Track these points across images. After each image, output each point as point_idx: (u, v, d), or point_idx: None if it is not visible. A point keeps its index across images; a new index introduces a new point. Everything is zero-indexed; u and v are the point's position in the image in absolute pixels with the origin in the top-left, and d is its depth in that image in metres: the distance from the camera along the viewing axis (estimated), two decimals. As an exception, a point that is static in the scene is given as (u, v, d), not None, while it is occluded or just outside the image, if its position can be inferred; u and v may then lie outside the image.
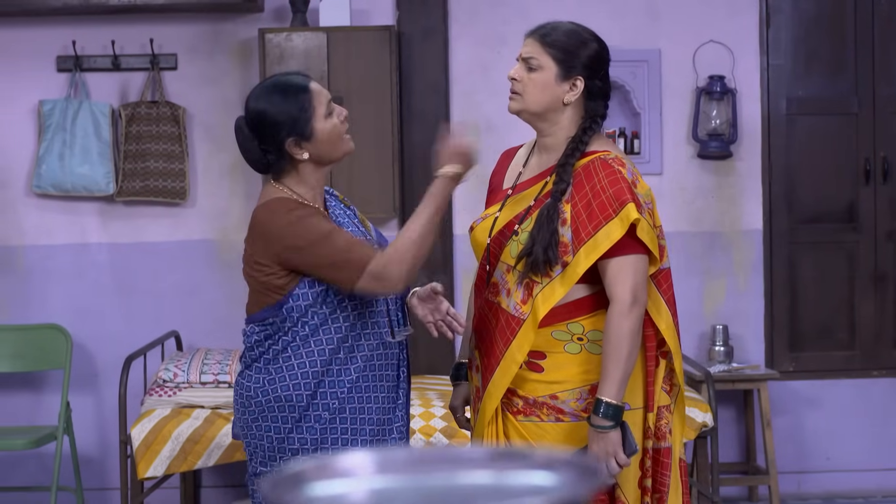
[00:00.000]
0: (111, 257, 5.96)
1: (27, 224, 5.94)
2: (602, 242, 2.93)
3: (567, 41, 3.09)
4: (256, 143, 3.01)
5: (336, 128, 3.03)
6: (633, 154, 5.95)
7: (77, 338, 5.86)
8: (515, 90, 3.10)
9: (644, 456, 3.07)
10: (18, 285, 5.95)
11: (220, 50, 5.93)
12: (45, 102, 5.84)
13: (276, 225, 2.95)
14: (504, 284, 3.05)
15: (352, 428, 2.99)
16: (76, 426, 5.71)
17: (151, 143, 5.86)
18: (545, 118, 3.09)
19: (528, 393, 3.03)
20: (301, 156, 3.00)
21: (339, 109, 3.06)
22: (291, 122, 2.97)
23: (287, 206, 2.97)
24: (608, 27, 5.90)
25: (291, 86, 3.01)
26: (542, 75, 3.06)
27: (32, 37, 5.90)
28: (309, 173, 3.04)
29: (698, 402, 5.00)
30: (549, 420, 3.02)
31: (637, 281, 2.96)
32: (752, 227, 6.00)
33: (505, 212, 3.11)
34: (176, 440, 4.77)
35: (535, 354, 3.02)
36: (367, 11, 5.92)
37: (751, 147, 5.99)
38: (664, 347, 3.10)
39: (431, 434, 4.81)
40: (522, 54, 3.10)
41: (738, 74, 5.95)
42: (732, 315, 5.98)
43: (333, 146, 3.03)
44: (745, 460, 6.00)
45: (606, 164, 3.02)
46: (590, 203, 2.96)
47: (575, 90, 3.07)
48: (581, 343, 3.02)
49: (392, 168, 5.70)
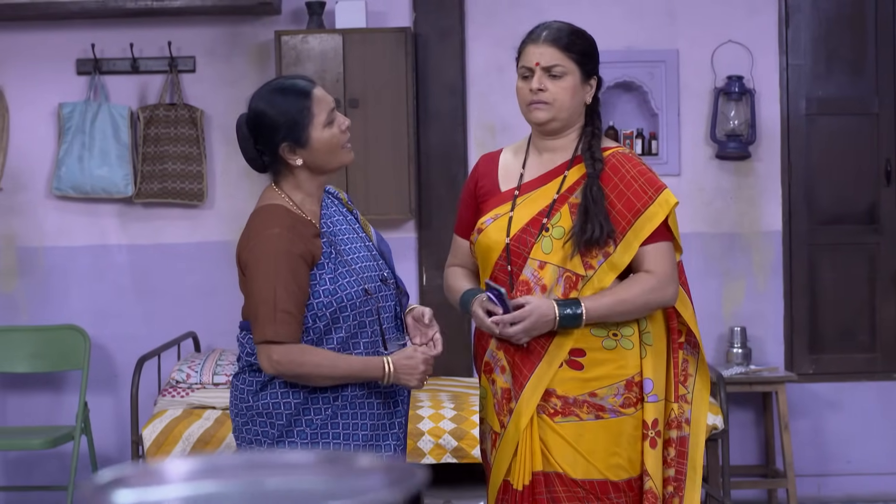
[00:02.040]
0: (130, 259, 5.99)
1: (47, 226, 5.99)
2: (643, 229, 3.01)
3: (582, 43, 3.13)
4: (252, 142, 2.99)
5: (334, 137, 2.98)
6: (650, 155, 5.93)
7: (96, 338, 5.91)
8: (543, 100, 3.08)
9: (667, 446, 3.10)
10: (38, 286, 6.00)
11: (237, 52, 5.96)
12: (65, 105, 5.89)
13: (251, 237, 2.95)
14: (538, 281, 3.05)
15: (343, 434, 2.98)
16: (94, 426, 5.75)
17: (169, 146, 5.89)
18: (570, 122, 3.13)
19: (567, 392, 3.04)
20: (295, 161, 2.97)
21: (342, 119, 3.02)
22: (288, 127, 2.94)
23: (274, 225, 2.93)
24: (625, 27, 5.91)
25: (294, 89, 2.98)
26: (569, 81, 3.08)
27: (52, 40, 5.95)
28: (305, 179, 3.00)
29: (710, 404, 4.96)
30: (588, 418, 3.04)
31: (673, 266, 3.07)
32: (771, 229, 5.95)
33: (520, 210, 3.10)
34: (186, 440, 4.79)
35: (575, 352, 3.05)
36: (383, 13, 5.93)
37: (770, 148, 5.95)
38: (680, 338, 3.16)
39: (440, 436, 4.80)
40: (542, 63, 3.08)
41: (757, 74, 5.91)
42: (751, 317, 5.94)
43: (329, 156, 2.99)
44: (764, 463, 5.96)
45: (628, 157, 3.11)
46: (623, 193, 3.03)
47: (591, 90, 3.13)
48: (616, 338, 3.06)
49: (408, 169, 5.70)
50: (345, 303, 2.94)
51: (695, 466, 3.15)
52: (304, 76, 3.10)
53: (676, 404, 3.13)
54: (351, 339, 2.97)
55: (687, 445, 3.14)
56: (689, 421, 3.15)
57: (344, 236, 3.06)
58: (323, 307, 2.92)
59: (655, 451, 3.07)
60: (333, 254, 2.98)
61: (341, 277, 2.95)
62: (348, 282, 2.95)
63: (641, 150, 5.93)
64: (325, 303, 2.92)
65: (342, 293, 2.93)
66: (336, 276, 2.95)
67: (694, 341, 3.17)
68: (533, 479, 3.03)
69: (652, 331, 3.09)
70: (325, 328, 2.94)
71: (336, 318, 2.94)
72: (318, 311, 2.92)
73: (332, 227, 3.05)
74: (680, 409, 3.14)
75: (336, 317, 2.94)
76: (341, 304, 2.93)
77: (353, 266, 2.99)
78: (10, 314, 5.99)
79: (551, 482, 3.03)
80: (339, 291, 2.93)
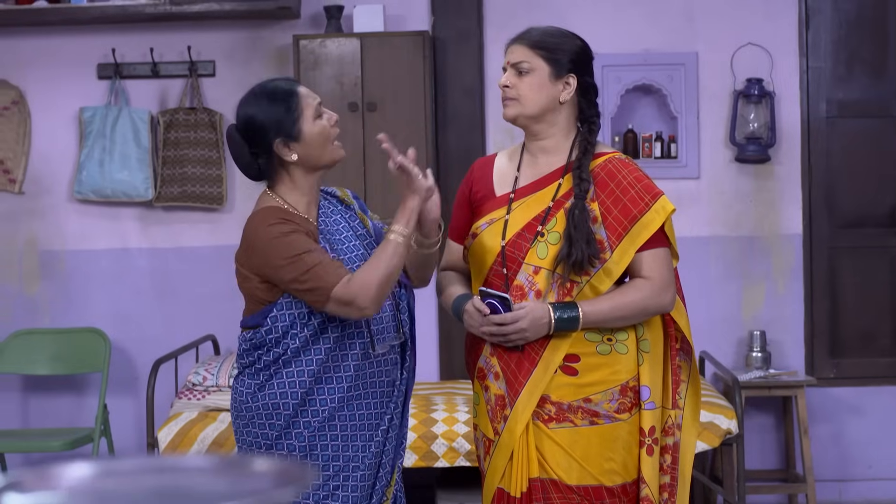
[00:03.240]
0: (150, 262, 6.03)
1: (69, 229, 6.04)
2: (639, 235, 2.99)
3: (553, 40, 3.09)
4: (247, 148, 3.01)
5: (325, 129, 3.01)
6: (669, 158, 5.91)
7: (117, 341, 5.95)
8: (509, 96, 3.09)
9: (664, 453, 3.09)
10: (60, 289, 6.04)
11: (257, 57, 5.99)
12: (86, 109, 5.93)
13: (258, 238, 2.95)
14: (531, 286, 3.05)
15: (342, 434, 2.98)
16: (115, 428, 5.79)
17: (189, 149, 5.93)
18: (543, 119, 3.10)
19: (561, 398, 3.02)
20: (290, 157, 2.99)
21: (330, 114, 3.05)
22: (279, 123, 2.97)
23: (270, 219, 2.94)
24: (644, 30, 5.90)
25: (278, 90, 3.01)
26: (535, 77, 3.06)
27: (73, 45, 6.00)
28: (300, 178, 3.02)
29: (724, 408, 4.94)
30: (583, 424, 3.03)
31: (671, 272, 3.05)
32: (791, 232, 5.92)
33: (516, 215, 3.09)
34: (201, 443, 4.81)
35: (569, 357, 3.03)
36: (402, 17, 5.94)
37: (790, 150, 5.92)
38: (677, 345, 3.15)
39: (454, 439, 4.80)
40: (510, 61, 3.10)
41: (777, 77, 5.88)
42: (771, 320, 5.91)
43: (322, 148, 3.01)
44: (784, 468, 5.92)
45: (624, 163, 3.08)
46: (619, 199, 3.01)
47: (569, 88, 3.08)
48: (611, 343, 3.04)
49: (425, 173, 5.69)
50: None
51: (683, 471, 3.13)
52: (285, 77, 3.14)
53: (674, 411, 3.11)
54: (342, 339, 2.98)
55: (679, 451, 3.13)
56: (680, 427, 3.14)
57: (340, 235, 3.07)
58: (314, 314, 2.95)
59: (652, 458, 3.06)
60: (330, 252, 2.99)
61: None
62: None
63: (661, 153, 5.92)
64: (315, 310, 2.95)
65: None
66: None
67: (687, 348, 3.16)
68: (530, 486, 3.03)
69: (650, 337, 3.07)
70: (319, 326, 2.95)
71: (324, 324, 2.96)
72: (308, 319, 2.95)
73: (329, 226, 3.06)
74: (676, 415, 3.13)
75: (324, 324, 2.96)
76: None
77: (350, 266, 2.99)
78: (33, 317, 6.04)
79: (547, 488, 3.02)
80: None
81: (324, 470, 2.99)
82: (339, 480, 2.99)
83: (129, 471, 1.16)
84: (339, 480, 2.99)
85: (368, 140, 5.68)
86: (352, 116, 5.67)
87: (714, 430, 4.84)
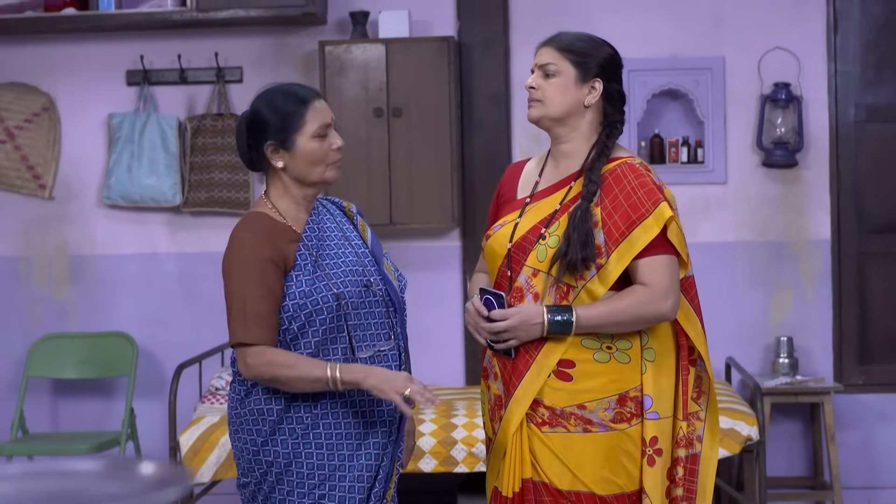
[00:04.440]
0: (178, 266, 6.08)
1: (98, 234, 6.10)
2: (637, 241, 2.96)
3: (582, 44, 3.09)
4: (245, 137, 3.05)
5: (320, 150, 3.01)
6: (696, 163, 5.89)
7: (145, 345, 5.99)
8: (535, 97, 3.10)
9: (675, 465, 3.06)
10: (89, 294, 6.10)
11: (284, 63, 6.02)
12: (115, 116, 5.99)
13: (228, 245, 3.01)
14: (530, 288, 3.05)
15: (326, 443, 2.99)
16: (142, 432, 5.84)
17: (216, 155, 5.96)
18: (566, 123, 3.10)
19: (554, 403, 3.01)
20: (276, 163, 3.01)
21: (336, 138, 3.04)
22: (276, 127, 2.99)
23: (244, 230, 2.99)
24: (671, 35, 5.88)
25: (292, 95, 3.03)
26: (562, 79, 3.06)
27: (103, 52, 6.05)
28: (291, 186, 3.04)
29: (745, 414, 4.91)
30: (576, 431, 3.00)
31: (673, 280, 2.99)
32: (819, 237, 5.88)
33: (526, 218, 3.10)
34: (223, 447, 4.83)
35: (563, 363, 3.01)
36: (427, 22, 5.95)
37: (818, 155, 5.88)
38: (693, 355, 3.10)
39: (473, 444, 4.80)
40: (538, 63, 3.10)
41: (805, 81, 5.85)
42: (799, 327, 5.87)
43: (310, 167, 3.01)
44: (812, 475, 5.88)
45: (633, 167, 3.05)
46: (621, 204, 2.99)
47: (594, 93, 3.08)
48: (610, 352, 3.02)
49: (451, 178, 5.71)
50: (320, 305, 2.96)
51: (705, 486, 3.10)
52: (310, 87, 3.13)
53: (685, 422, 3.06)
54: (324, 343, 2.98)
55: (698, 464, 3.08)
56: (702, 439, 3.10)
57: (330, 242, 3.08)
58: (298, 309, 2.95)
59: (654, 469, 3.02)
60: (312, 259, 3.01)
61: (318, 280, 2.98)
62: (325, 285, 2.98)
63: (687, 158, 5.89)
64: (300, 305, 2.95)
65: (318, 296, 2.96)
66: (313, 279, 2.98)
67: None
68: (522, 487, 3.02)
69: (655, 346, 3.04)
70: (299, 330, 2.96)
71: (312, 321, 2.96)
72: (293, 314, 2.95)
73: (316, 232, 3.07)
74: (690, 426, 3.07)
75: (311, 320, 2.96)
76: (316, 307, 2.96)
77: (330, 272, 3.01)
78: (62, 321, 6.10)
79: (539, 491, 3.01)
80: (315, 294, 2.96)
81: (308, 478, 2.99)
82: (325, 489, 2.99)
83: (17, 475, 1.17)
84: (325, 489, 2.98)
85: (393, 146, 5.69)
86: (377, 122, 5.68)
87: (735, 436, 4.81)
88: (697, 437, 3.09)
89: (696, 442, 3.09)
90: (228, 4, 5.71)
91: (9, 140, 6.09)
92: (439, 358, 5.93)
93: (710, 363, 3.12)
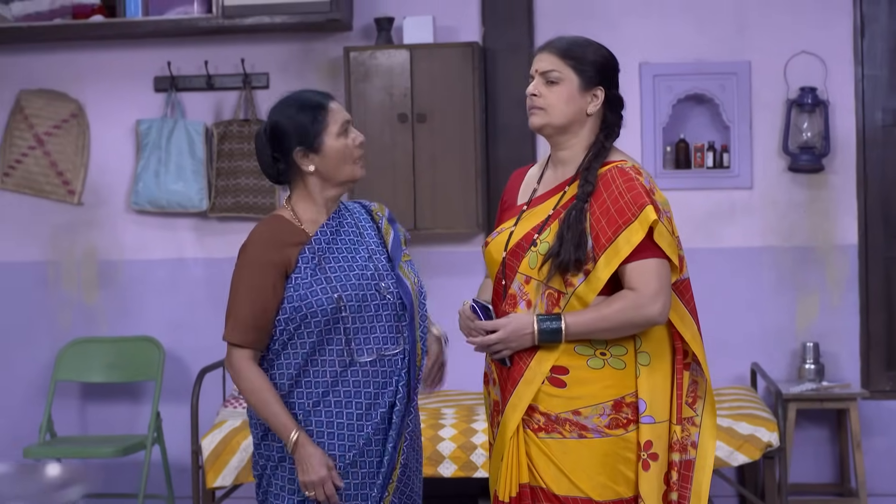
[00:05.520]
0: (205, 271, 6.12)
1: (126, 239, 6.15)
2: (623, 247, 2.94)
3: (584, 52, 3.07)
4: (269, 151, 3.12)
5: (346, 148, 3.10)
6: (722, 168, 5.87)
7: (172, 350, 6.04)
8: (537, 105, 3.09)
9: (670, 469, 3.05)
10: (117, 298, 6.15)
11: (310, 69, 6.05)
12: (143, 122, 6.04)
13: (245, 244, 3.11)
14: (523, 296, 3.05)
15: (317, 442, 3.05)
16: (168, 435, 5.88)
17: (243, 161, 6.00)
18: (568, 131, 3.09)
19: (549, 409, 3.01)
20: (307, 167, 3.09)
21: (357, 134, 3.14)
22: (302, 133, 3.07)
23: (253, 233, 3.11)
24: (696, 40, 5.86)
25: (308, 101, 3.12)
26: (565, 87, 3.06)
27: (131, 59, 6.11)
28: (316, 188, 3.12)
29: (766, 421, 4.89)
30: (571, 437, 3.00)
31: (661, 283, 2.96)
32: (846, 242, 5.84)
33: (521, 225, 3.11)
34: (244, 451, 4.87)
35: (557, 369, 3.01)
36: (453, 28, 5.96)
37: (845, 160, 5.84)
38: (687, 359, 3.08)
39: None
40: (539, 69, 3.08)
41: (831, 86, 5.81)
42: (826, 332, 5.83)
43: (340, 165, 3.10)
44: (839, 482, 5.84)
45: (623, 171, 3.02)
46: (608, 209, 2.97)
47: (596, 101, 3.07)
48: (604, 358, 3.00)
49: (476, 184, 5.72)
50: (315, 308, 3.03)
51: (699, 492, 3.08)
52: (322, 91, 3.22)
53: (679, 426, 3.04)
54: (319, 345, 3.05)
55: (692, 470, 3.07)
56: (696, 445, 3.08)
57: (342, 245, 3.13)
58: (293, 311, 3.03)
59: (649, 473, 3.00)
60: (314, 261, 3.07)
61: (316, 284, 3.04)
62: (322, 288, 3.04)
63: (713, 163, 5.87)
64: (296, 307, 3.03)
65: (312, 299, 3.03)
66: (311, 283, 3.04)
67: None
68: (520, 492, 3.03)
69: (649, 350, 3.02)
70: (294, 331, 3.04)
71: (307, 323, 3.03)
72: (289, 316, 3.04)
73: (328, 235, 3.12)
74: (685, 431, 3.06)
75: (307, 321, 3.03)
76: (311, 309, 3.03)
77: (334, 275, 3.06)
78: (91, 325, 6.16)
79: (537, 496, 3.02)
80: (310, 297, 3.03)
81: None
82: None
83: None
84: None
85: (418, 151, 5.71)
86: (401, 128, 5.70)
87: (755, 442, 4.79)
88: (692, 442, 3.08)
89: (691, 448, 3.08)
90: (254, 11, 5.75)
91: (38, 146, 6.16)
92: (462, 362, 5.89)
93: (707, 367, 3.09)
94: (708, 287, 5.82)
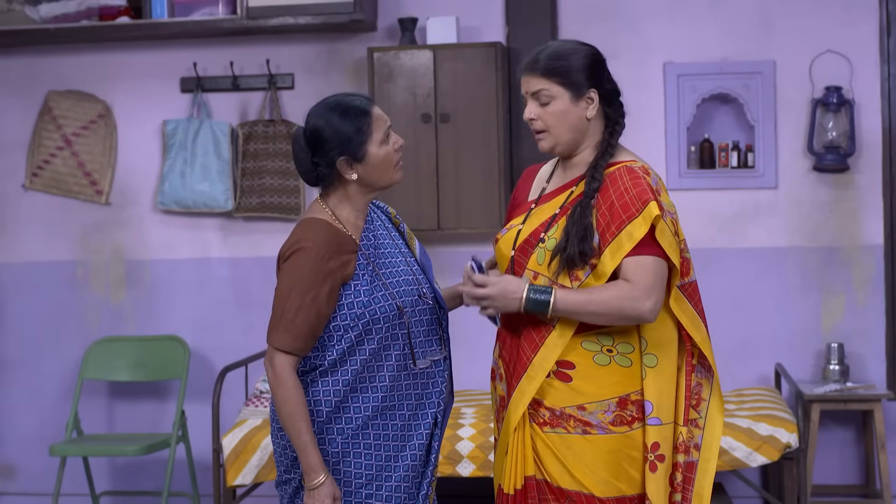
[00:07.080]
0: (231, 271, 6.15)
1: (153, 239, 6.20)
2: (626, 241, 2.96)
3: (567, 63, 3.07)
4: (309, 156, 3.09)
5: (389, 155, 3.09)
6: (747, 168, 5.84)
7: (197, 349, 6.08)
8: (539, 129, 3.12)
9: (675, 471, 3.07)
10: (144, 298, 6.20)
11: (334, 69, 6.07)
12: (169, 122, 6.08)
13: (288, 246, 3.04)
14: None
15: (375, 444, 3.05)
16: (193, 434, 5.92)
17: (268, 161, 6.03)
18: (577, 142, 3.13)
19: (554, 403, 3.03)
20: (350, 176, 3.07)
21: (396, 138, 3.13)
22: (346, 141, 3.04)
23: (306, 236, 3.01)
24: (721, 39, 5.84)
25: (352, 107, 3.07)
26: (558, 104, 3.08)
27: (157, 59, 6.16)
28: (355, 194, 3.11)
29: (786, 422, 4.86)
30: (575, 432, 3.02)
31: (656, 281, 2.97)
32: (871, 242, 5.80)
33: (529, 222, 3.14)
34: (264, 450, 4.89)
35: (563, 364, 3.03)
36: (476, 28, 5.97)
37: (870, 159, 5.80)
38: (693, 360, 3.10)
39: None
40: (528, 91, 3.12)
41: (857, 85, 5.77)
42: (852, 333, 5.80)
43: (383, 172, 3.09)
44: (864, 483, 5.80)
45: (631, 170, 3.05)
46: (613, 205, 2.99)
47: (592, 104, 3.09)
48: (610, 355, 3.03)
49: (499, 184, 5.72)
50: (377, 315, 3.03)
51: (701, 494, 3.09)
52: (363, 94, 3.17)
53: (685, 428, 3.06)
54: (381, 351, 3.05)
55: (694, 472, 3.09)
56: (700, 446, 3.10)
57: (385, 250, 3.14)
58: (356, 318, 3.01)
59: (656, 475, 3.02)
60: (370, 269, 3.06)
61: (376, 291, 3.04)
62: (382, 295, 3.05)
63: (738, 162, 5.85)
64: (359, 314, 3.01)
65: (375, 306, 3.02)
66: (371, 290, 3.04)
67: (708, 364, 3.11)
68: (525, 484, 3.04)
69: (656, 352, 3.03)
70: (356, 339, 3.02)
71: (368, 330, 3.02)
72: (349, 323, 3.01)
73: (373, 241, 3.13)
74: (689, 433, 3.08)
75: (368, 328, 3.02)
76: (374, 316, 3.02)
77: (388, 281, 3.07)
78: (118, 324, 6.21)
79: (542, 489, 3.04)
80: (373, 304, 3.02)
81: (356, 478, 3.06)
82: (371, 489, 3.06)
83: None
84: (373, 489, 3.06)
85: (441, 151, 5.72)
86: (425, 128, 5.71)
87: (774, 443, 4.77)
88: (695, 444, 3.10)
89: (694, 450, 3.10)
90: (278, 12, 5.78)
91: (66, 146, 6.21)
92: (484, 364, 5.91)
93: (716, 369, 3.12)
94: (733, 287, 5.80)
